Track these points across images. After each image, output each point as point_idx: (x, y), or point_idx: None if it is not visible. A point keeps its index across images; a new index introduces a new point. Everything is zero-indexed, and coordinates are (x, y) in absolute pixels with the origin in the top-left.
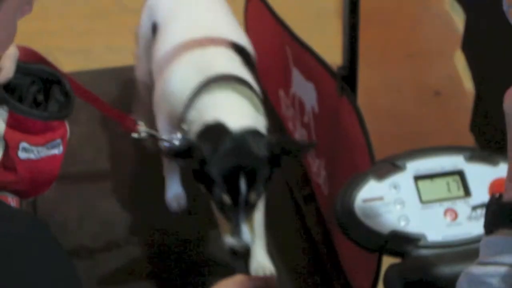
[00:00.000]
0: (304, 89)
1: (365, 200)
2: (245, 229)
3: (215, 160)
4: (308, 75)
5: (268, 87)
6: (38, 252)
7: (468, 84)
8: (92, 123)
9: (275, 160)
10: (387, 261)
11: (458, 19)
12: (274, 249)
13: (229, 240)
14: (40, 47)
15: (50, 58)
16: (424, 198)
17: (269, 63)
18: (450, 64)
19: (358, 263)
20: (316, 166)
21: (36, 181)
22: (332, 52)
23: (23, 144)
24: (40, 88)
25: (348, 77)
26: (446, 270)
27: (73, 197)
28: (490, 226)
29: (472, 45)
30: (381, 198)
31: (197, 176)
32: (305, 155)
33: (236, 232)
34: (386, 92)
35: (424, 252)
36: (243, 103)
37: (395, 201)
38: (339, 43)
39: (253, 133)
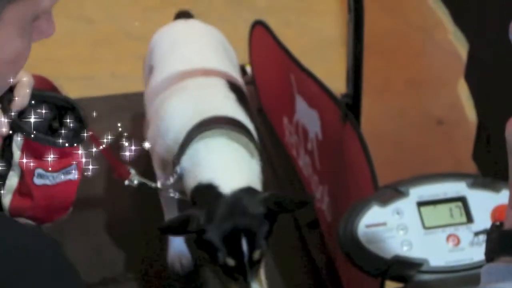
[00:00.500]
0: (307, 116)
1: (368, 226)
2: (255, 286)
3: (213, 227)
4: (312, 103)
5: (272, 114)
6: (49, 271)
7: (470, 112)
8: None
9: (272, 215)
10: (390, 286)
11: (461, 48)
12: (277, 275)
13: None
14: (45, 74)
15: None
16: (427, 223)
17: (273, 90)
18: (453, 93)
19: None
20: (320, 193)
21: (52, 207)
22: (336, 80)
23: (39, 171)
24: (55, 115)
25: (352, 104)
26: None
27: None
28: (491, 254)
29: (475, 74)
30: (384, 224)
31: (198, 244)
32: (309, 186)
33: None
34: (389, 119)
35: (426, 277)
36: (237, 154)
37: (398, 226)
38: (343, 71)
39: (247, 191)
